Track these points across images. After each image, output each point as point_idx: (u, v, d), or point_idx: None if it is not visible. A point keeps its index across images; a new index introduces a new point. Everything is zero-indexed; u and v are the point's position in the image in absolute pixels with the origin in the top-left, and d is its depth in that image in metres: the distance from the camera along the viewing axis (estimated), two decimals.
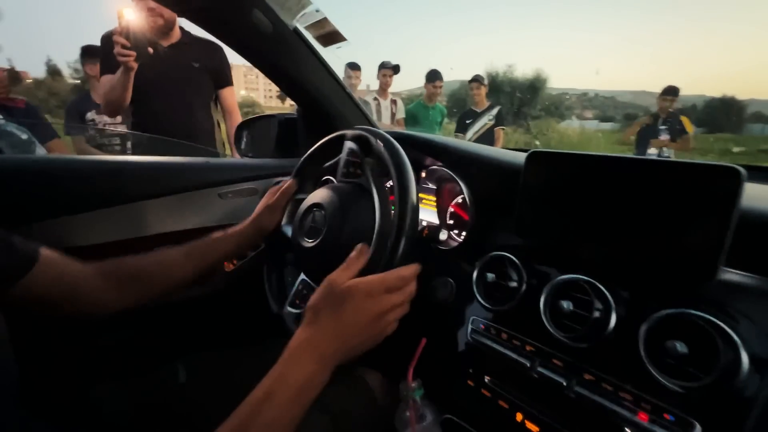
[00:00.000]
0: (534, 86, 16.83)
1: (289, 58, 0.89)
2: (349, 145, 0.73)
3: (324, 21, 0.83)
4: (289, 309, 0.65)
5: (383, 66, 3.52)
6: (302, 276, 0.67)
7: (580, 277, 0.55)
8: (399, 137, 0.69)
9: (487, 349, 0.62)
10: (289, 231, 0.76)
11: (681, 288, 0.50)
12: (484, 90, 3.72)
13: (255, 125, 1.33)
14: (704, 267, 0.46)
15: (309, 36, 0.89)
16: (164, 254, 0.65)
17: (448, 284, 0.74)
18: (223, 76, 1.83)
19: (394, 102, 3.61)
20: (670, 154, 3.47)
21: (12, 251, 0.49)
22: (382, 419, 0.63)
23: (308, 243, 0.66)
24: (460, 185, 0.75)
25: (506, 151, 0.81)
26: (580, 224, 0.57)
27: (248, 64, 0.90)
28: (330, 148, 0.80)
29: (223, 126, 1.99)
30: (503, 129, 3.68)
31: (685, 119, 3.55)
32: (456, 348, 0.67)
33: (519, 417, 0.56)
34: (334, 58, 0.94)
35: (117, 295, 0.59)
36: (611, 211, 0.54)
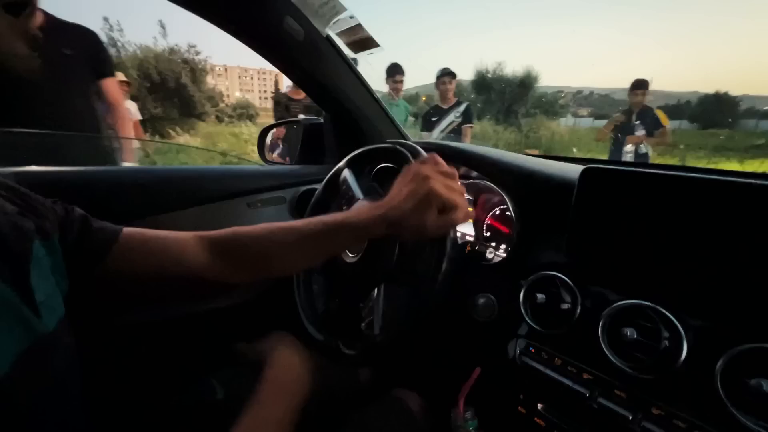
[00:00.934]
0: (524, 84, 16.34)
1: (320, 65, 0.87)
2: (384, 164, 0.72)
3: (358, 27, 0.80)
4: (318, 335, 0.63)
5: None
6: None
7: (644, 302, 0.50)
8: (433, 148, 0.66)
9: (538, 374, 0.58)
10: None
11: (763, 319, 0.46)
12: (453, 85, 3.54)
13: (279, 130, 1.31)
14: None
15: (340, 42, 0.86)
16: (281, 233, 0.57)
17: (489, 301, 0.70)
18: (101, 65, 1.73)
19: None
20: (648, 149, 3.33)
21: (94, 230, 0.48)
22: None
23: (352, 258, 0.64)
24: (502, 197, 0.71)
25: (553, 163, 0.76)
26: (640, 245, 0.52)
27: (242, 65, 0.88)
28: (362, 164, 0.77)
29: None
30: (471, 127, 3.50)
31: (659, 112, 3.41)
32: (503, 371, 0.63)
33: None
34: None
35: (227, 270, 0.55)
36: (678, 233, 0.49)
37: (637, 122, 3.34)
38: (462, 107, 3.46)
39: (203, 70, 14.82)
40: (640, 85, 3.41)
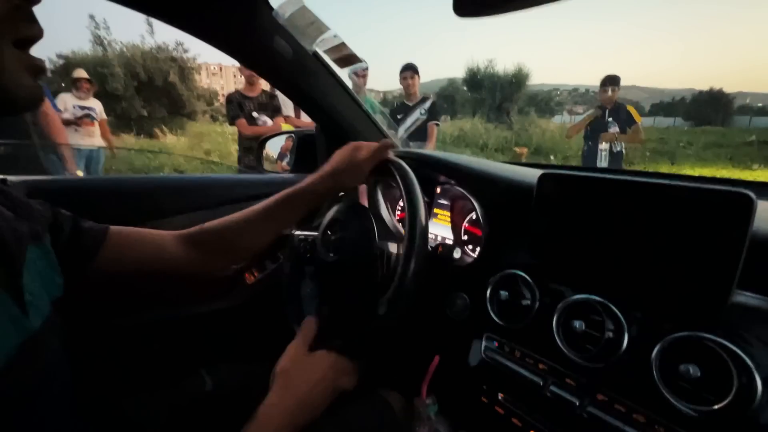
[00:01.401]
0: (515, 81, 16.23)
1: (308, 79, 0.93)
2: None
3: (341, 45, 0.86)
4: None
5: None
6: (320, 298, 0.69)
7: (593, 297, 0.55)
8: (413, 157, 0.71)
9: (500, 366, 0.62)
10: (313, 239, 0.77)
11: (694, 311, 0.50)
12: (417, 80, 3.33)
13: (274, 141, 1.38)
14: (717, 291, 0.47)
15: (327, 58, 0.93)
16: (243, 218, 0.66)
17: (463, 300, 0.75)
18: None
19: None
20: (621, 147, 3.27)
21: (83, 231, 0.52)
22: None
23: (332, 258, 0.69)
24: (472, 203, 0.76)
25: (518, 168, 0.82)
26: (592, 245, 0.57)
27: (237, 64, 0.94)
28: None
29: None
30: (437, 124, 3.32)
31: (631, 109, 3.32)
32: (470, 365, 0.68)
33: None
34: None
35: (203, 259, 0.62)
36: (623, 233, 0.54)
37: (610, 119, 3.28)
38: (427, 104, 3.30)
39: (192, 68, 14.62)
40: (610, 81, 3.32)
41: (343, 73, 0.98)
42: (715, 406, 0.43)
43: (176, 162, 7.14)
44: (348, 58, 0.90)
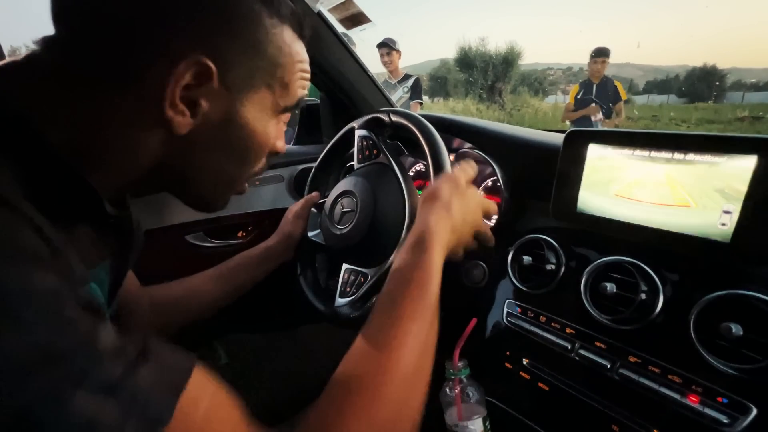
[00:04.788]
0: (507, 60, 15.85)
1: (312, 42, 0.88)
2: (359, 133, 0.73)
3: (348, 2, 0.81)
4: (341, 300, 0.64)
5: None
6: (345, 265, 0.67)
7: (624, 258, 0.53)
8: (436, 121, 0.68)
9: (524, 332, 0.61)
10: (314, 235, 0.76)
11: (733, 269, 0.49)
12: (396, 56, 3.12)
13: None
14: (763, 249, 0.45)
15: (332, 19, 0.87)
16: (197, 280, 0.66)
17: (480, 267, 0.73)
18: None
19: None
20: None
21: None
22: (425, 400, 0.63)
23: (342, 229, 0.66)
24: (492, 167, 0.73)
25: (540, 132, 0.79)
26: (621, 205, 0.55)
27: None
28: (342, 145, 0.80)
29: None
30: (420, 103, 3.19)
31: (619, 85, 3.22)
32: (492, 331, 0.66)
33: (560, 400, 0.56)
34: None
35: (158, 321, 0.60)
36: (655, 190, 0.52)
37: (595, 95, 3.18)
38: (410, 81, 3.13)
39: None
40: (601, 53, 3.22)
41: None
42: (760, 364, 0.42)
43: None
44: (355, 18, 0.85)
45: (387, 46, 3.09)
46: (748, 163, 0.45)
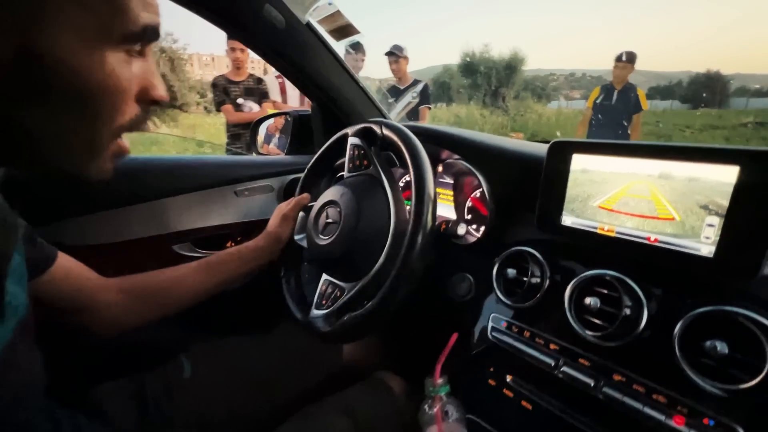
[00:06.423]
0: (511, 66, 15.97)
1: (301, 53, 0.88)
2: (352, 141, 0.72)
3: (337, 14, 0.81)
4: (316, 312, 0.63)
5: None
6: (324, 276, 0.66)
7: (609, 272, 0.52)
8: (417, 131, 0.67)
9: (508, 347, 0.59)
10: (300, 239, 0.76)
11: (718, 284, 0.47)
12: (404, 63, 3.20)
13: (269, 123, 1.33)
14: (747, 264, 0.43)
15: (321, 30, 0.87)
16: (181, 270, 0.66)
17: (466, 280, 0.72)
18: None
19: None
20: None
21: (36, 246, 0.49)
22: (404, 420, 0.62)
23: (324, 240, 0.65)
24: (478, 179, 0.72)
25: (526, 143, 0.78)
26: (606, 217, 0.54)
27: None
28: (335, 151, 0.79)
29: None
30: (429, 108, 3.23)
31: (641, 93, 3.09)
32: (476, 346, 0.65)
33: (543, 419, 0.54)
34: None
35: (136, 310, 0.60)
36: (639, 202, 0.51)
37: (617, 99, 3.08)
38: (419, 87, 3.18)
39: (182, 59, 14.32)
40: (627, 58, 3.10)
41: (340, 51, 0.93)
42: (746, 385, 0.40)
43: (168, 153, 7.07)
44: (344, 29, 0.85)
45: (395, 54, 3.18)
46: (730, 175, 0.43)
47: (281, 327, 0.76)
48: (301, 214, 0.79)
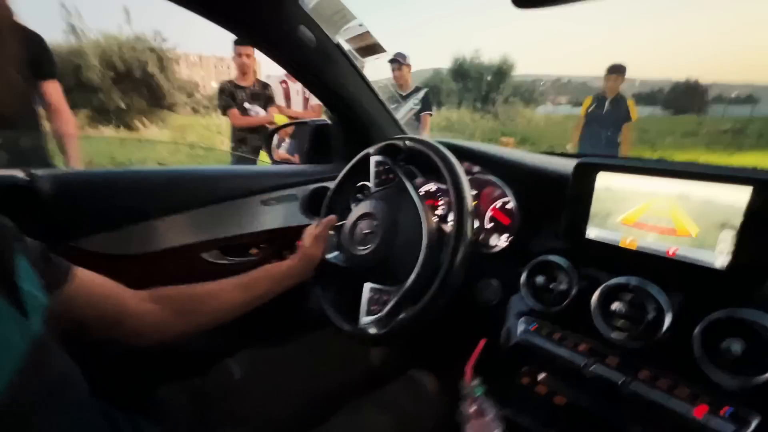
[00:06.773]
0: (500, 72, 16.13)
1: (330, 70, 0.92)
2: (375, 158, 0.77)
3: (366, 34, 0.86)
4: (368, 318, 0.67)
5: None
6: (368, 284, 0.70)
7: (633, 280, 0.58)
8: (451, 148, 0.72)
9: (538, 349, 0.65)
10: (332, 258, 0.79)
11: (732, 292, 0.53)
12: (407, 70, 3.28)
13: (287, 132, 1.36)
14: (757, 275, 0.49)
15: (348, 47, 0.92)
16: (217, 285, 0.67)
17: (491, 286, 0.77)
18: (43, 67, 1.70)
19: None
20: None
21: (51, 262, 0.49)
22: (440, 416, 0.66)
23: (364, 250, 0.70)
24: (502, 191, 0.78)
25: (550, 158, 0.84)
26: (628, 230, 0.59)
27: (218, 54, 0.92)
28: (356, 171, 0.84)
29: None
30: (430, 114, 3.32)
31: (631, 104, 3.23)
32: (506, 348, 0.70)
33: (574, 413, 0.60)
34: None
35: (171, 320, 0.61)
36: (659, 217, 0.57)
37: (609, 110, 3.20)
38: (420, 94, 3.25)
39: (171, 58, 13.98)
40: (617, 70, 3.25)
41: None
42: (759, 379, 0.46)
43: (159, 156, 6.94)
44: (371, 48, 0.90)
45: (398, 62, 3.23)
46: (743, 195, 0.49)
47: (316, 333, 0.80)
48: (330, 233, 0.82)
